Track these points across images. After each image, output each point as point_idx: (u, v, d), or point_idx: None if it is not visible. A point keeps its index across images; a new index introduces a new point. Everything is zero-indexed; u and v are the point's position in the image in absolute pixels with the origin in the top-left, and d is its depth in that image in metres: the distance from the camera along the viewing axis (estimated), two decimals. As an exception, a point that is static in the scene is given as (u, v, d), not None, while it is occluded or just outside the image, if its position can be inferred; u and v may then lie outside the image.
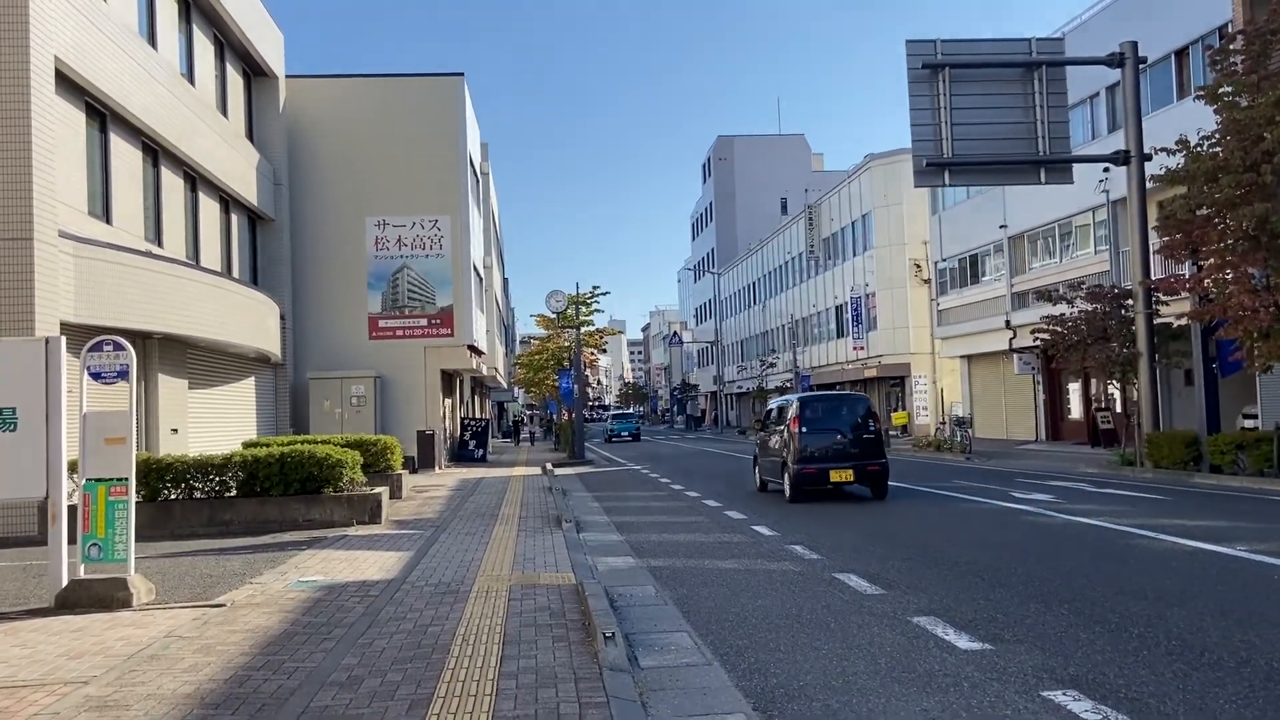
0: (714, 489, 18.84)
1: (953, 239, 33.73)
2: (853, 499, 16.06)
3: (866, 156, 43.67)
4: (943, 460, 26.04)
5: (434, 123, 27.59)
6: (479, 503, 16.77)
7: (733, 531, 12.33)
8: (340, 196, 27.09)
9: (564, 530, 12.47)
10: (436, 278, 27.37)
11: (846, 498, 16.24)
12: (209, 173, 20.77)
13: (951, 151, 18.75)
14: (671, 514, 14.81)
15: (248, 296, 20.43)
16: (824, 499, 15.87)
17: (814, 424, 15.80)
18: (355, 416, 25.79)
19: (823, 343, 50.10)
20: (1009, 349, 30.17)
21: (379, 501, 13.42)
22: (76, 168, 15.18)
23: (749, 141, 76.08)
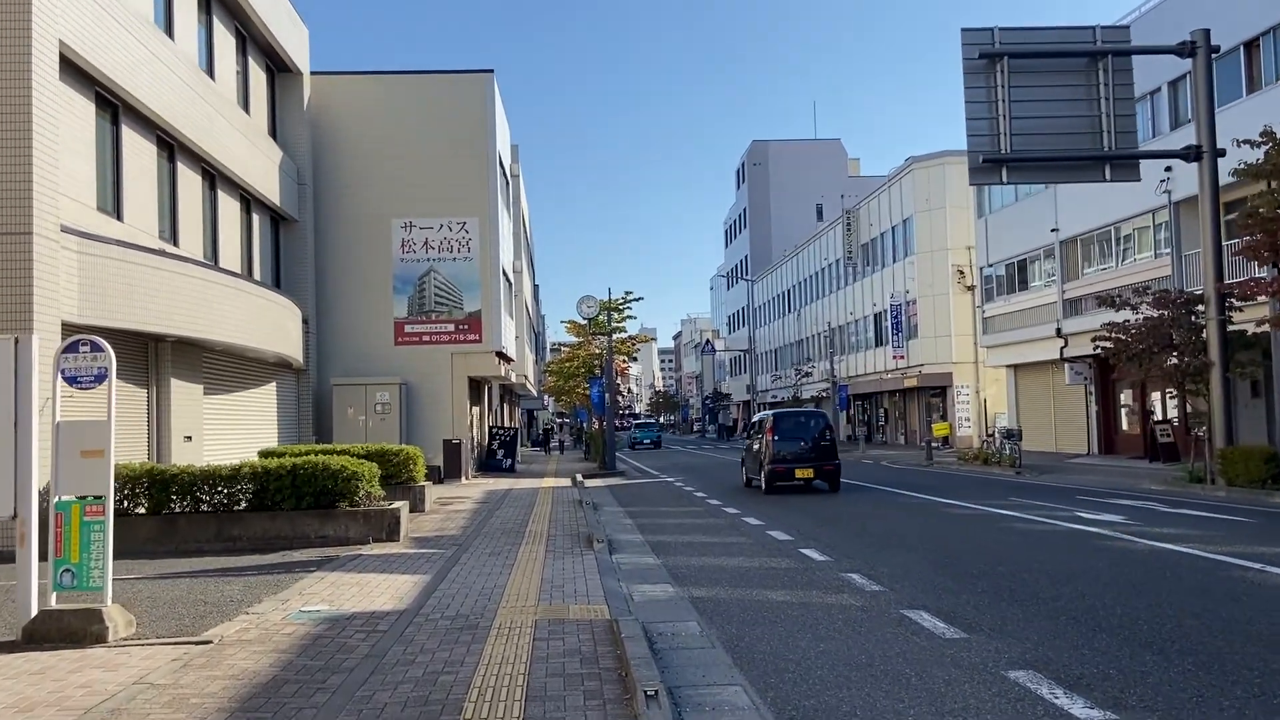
0: (754, 506, 17.75)
1: (1000, 244, 32.42)
2: (902, 519, 14.91)
3: (908, 160, 42.43)
4: (991, 474, 24.74)
5: (463, 121, 26.78)
6: (505, 517, 15.80)
7: (779, 555, 11.25)
8: (366, 197, 26.33)
9: (595, 551, 11.46)
10: (464, 282, 26.51)
11: (894, 518, 15.11)
12: (229, 170, 20.03)
13: (1010, 147, 17.57)
14: (710, 533, 13.75)
15: (267, 298, 19.65)
16: (863, 517, 14.76)
17: (784, 434, 20.33)
18: (380, 424, 24.96)
19: (860, 351, 48.78)
20: (1060, 358, 28.83)
21: (397, 517, 12.48)
22: (85, 160, 14.43)
23: (784, 146, 74.90)
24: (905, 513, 15.80)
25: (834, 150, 75.57)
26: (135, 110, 16.08)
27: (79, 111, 14.33)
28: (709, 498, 19.69)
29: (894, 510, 16.15)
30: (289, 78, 24.89)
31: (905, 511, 16.00)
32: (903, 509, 16.44)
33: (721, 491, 21.22)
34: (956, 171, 39.52)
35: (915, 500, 17.98)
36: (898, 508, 16.68)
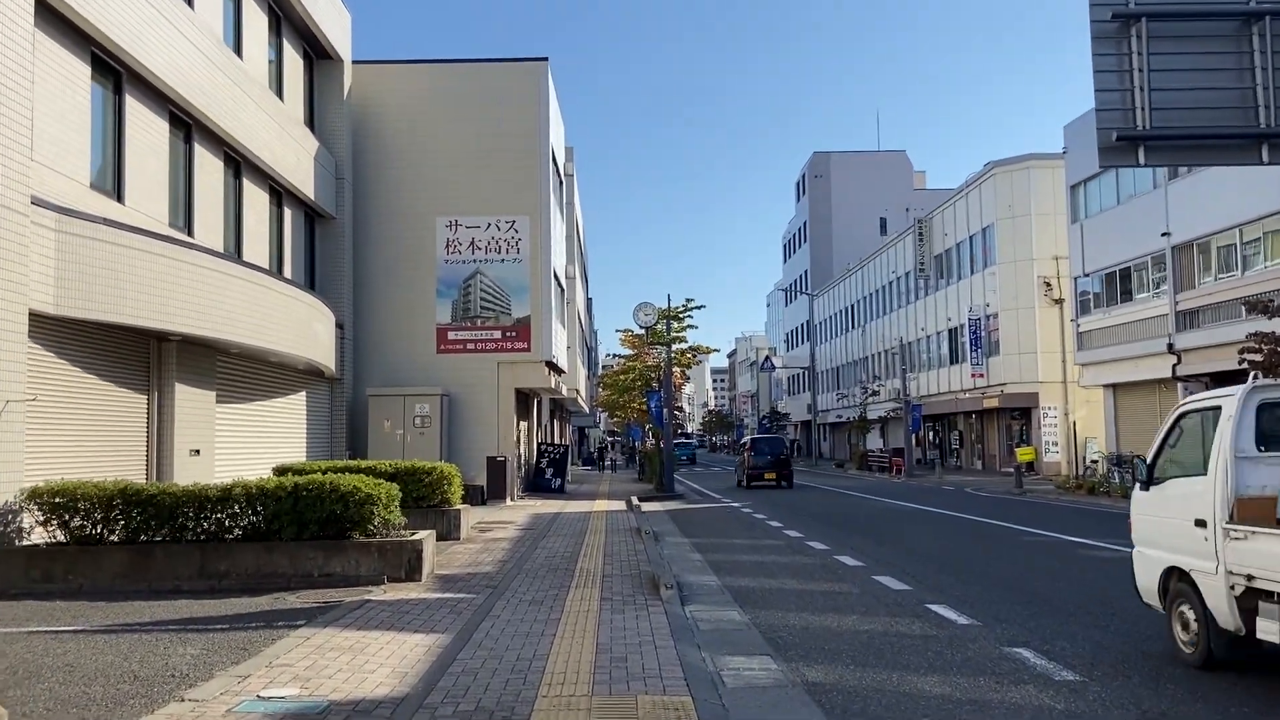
0: (844, 539, 15.21)
1: (1098, 251, 29.46)
2: (1038, 561, 12.27)
3: (988, 164, 39.56)
4: (1101, 506, 21.85)
5: (514, 113, 24.71)
6: (552, 550, 13.46)
7: (904, 615, 8.73)
8: (409, 193, 24.35)
9: (664, 600, 9.06)
10: (513, 285, 24.37)
11: (1028, 560, 12.47)
12: (257, 158, 18.13)
13: (1149, 123, 14.92)
14: (802, 576, 11.27)
15: (293, 297, 17.64)
16: (990, 560, 12.16)
17: (759, 451, 33.09)
18: (419, 439, 22.85)
19: (932, 369, 45.76)
20: (1171, 376, 25.79)
21: (419, 551, 10.21)
22: (76, 130, 12.50)
23: (846, 158, 72.15)
24: (1038, 554, 13.16)
25: (899, 162, 72.64)
26: (142, 80, 14.17)
27: (70, 73, 12.42)
28: (785, 528, 17.18)
29: (1023, 551, 13.52)
30: (328, 65, 23.05)
31: (1036, 552, 13.37)
32: (1030, 549, 13.81)
33: (798, 521, 18.69)
34: (1043, 176, 36.73)
35: (1037, 539, 15.29)
36: (1022, 547, 14.04)
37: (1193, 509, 6.78)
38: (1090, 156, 29.78)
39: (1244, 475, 6.48)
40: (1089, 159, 30.13)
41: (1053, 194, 36.07)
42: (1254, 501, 6.40)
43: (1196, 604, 6.66)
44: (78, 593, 9.45)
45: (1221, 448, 6.60)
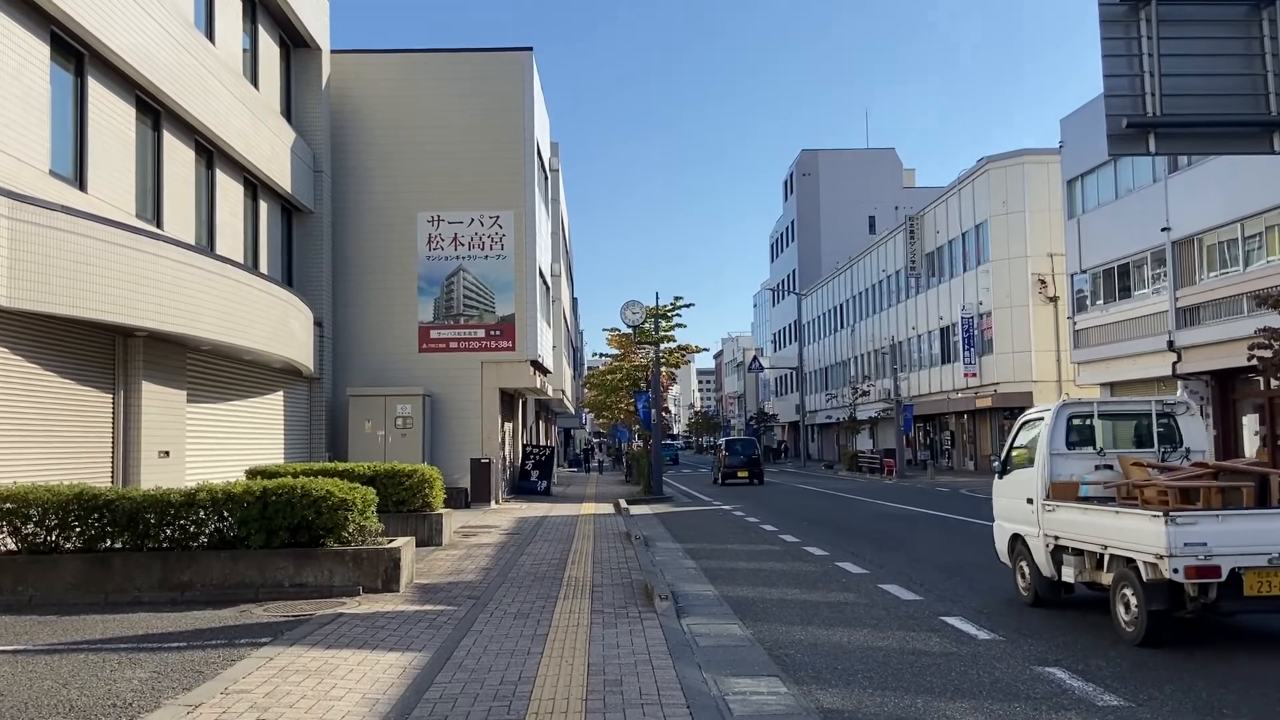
0: (843, 544, 14.61)
1: (1095, 247, 28.97)
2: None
3: (981, 160, 39.11)
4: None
5: (498, 104, 24.03)
6: (538, 556, 12.82)
7: (919, 628, 8.13)
8: (389, 187, 23.64)
9: (659, 613, 8.44)
10: (497, 282, 23.69)
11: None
12: (230, 147, 17.41)
13: (1159, 109, 14.40)
14: (803, 585, 10.65)
15: (268, 292, 16.91)
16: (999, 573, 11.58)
17: (732, 452, 36.65)
18: (400, 440, 22.15)
19: (924, 369, 45.27)
20: (1172, 374, 25.29)
21: (396, 559, 9.54)
22: (34, 113, 11.77)
23: (835, 155, 71.68)
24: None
25: (888, 160, 72.22)
26: (107, 62, 13.44)
27: (27, 52, 11.70)
28: (781, 532, 16.57)
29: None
30: (305, 53, 22.32)
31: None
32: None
33: (793, 525, 18.09)
34: (1037, 171, 36.31)
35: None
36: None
37: (1025, 491, 9.22)
38: (1088, 150, 29.49)
39: (1057, 467, 8.96)
40: (1086, 153, 29.84)
41: (1047, 190, 35.66)
42: (1063, 485, 8.81)
43: (1029, 559, 9.20)
44: (27, 606, 8.76)
45: (1044, 446, 8.97)
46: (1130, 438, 9.58)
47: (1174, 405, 9.71)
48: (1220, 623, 7.84)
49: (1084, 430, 9.23)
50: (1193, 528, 6.93)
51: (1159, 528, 6.97)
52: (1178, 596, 7.09)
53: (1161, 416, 9.42)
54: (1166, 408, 9.57)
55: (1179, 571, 6.87)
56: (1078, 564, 8.35)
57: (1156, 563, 7.05)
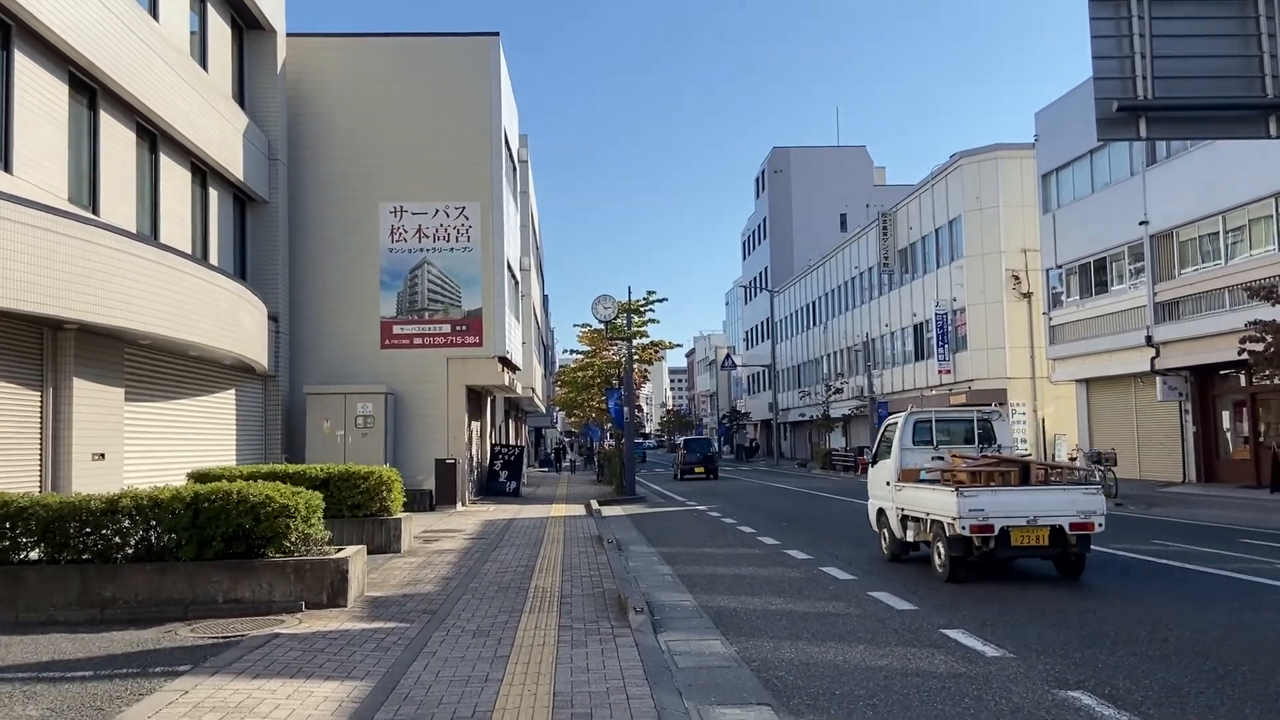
0: (825, 547, 13.89)
1: (1071, 241, 28.55)
2: (1062, 582, 11.04)
3: (954, 155, 38.62)
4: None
5: (464, 91, 23.12)
6: (504, 563, 11.98)
7: (919, 644, 7.39)
8: (350, 177, 22.67)
9: (634, 628, 7.65)
10: (463, 276, 22.79)
11: (1047, 580, 11.25)
12: (176, 131, 16.40)
13: (1151, 92, 13.83)
14: (788, 594, 9.89)
15: (213, 283, 15.91)
16: (1004, 575, 10.92)
17: (690, 450, 40.26)
18: (361, 440, 21.20)
19: (897, 366, 44.80)
20: (1150, 370, 24.89)
21: (343, 571, 8.67)
22: (-54, 84, 10.77)
23: (806, 153, 71.21)
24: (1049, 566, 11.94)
25: (859, 157, 71.88)
26: (35, 35, 12.44)
27: (-62, 17, 10.70)
28: (760, 534, 15.83)
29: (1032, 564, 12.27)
30: (259, 36, 21.28)
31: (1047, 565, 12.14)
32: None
33: (771, 526, 17.35)
34: (1011, 166, 35.89)
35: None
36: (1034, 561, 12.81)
37: (886, 476, 12.30)
38: (1063, 144, 29.08)
39: (905, 458, 11.98)
40: (1061, 146, 29.43)
41: (1021, 185, 35.25)
42: (909, 471, 11.69)
43: (888, 526, 12.09)
44: (-76, 627, 7.81)
45: (897, 443, 12.18)
46: (961, 437, 12.45)
47: (990, 414, 12.91)
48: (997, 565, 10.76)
49: (925, 432, 12.32)
50: (975, 499, 9.86)
51: (953, 499, 9.87)
52: (968, 546, 10.02)
53: (982, 422, 12.56)
54: (985, 415, 12.79)
55: (966, 528, 9.79)
56: (916, 528, 11.31)
57: (953, 523, 9.88)
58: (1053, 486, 10.44)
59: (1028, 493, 10.09)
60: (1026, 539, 9.84)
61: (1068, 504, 10.00)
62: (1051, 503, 10.02)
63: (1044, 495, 10.13)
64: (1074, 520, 9.93)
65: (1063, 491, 10.29)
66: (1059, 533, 9.91)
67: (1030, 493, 10.09)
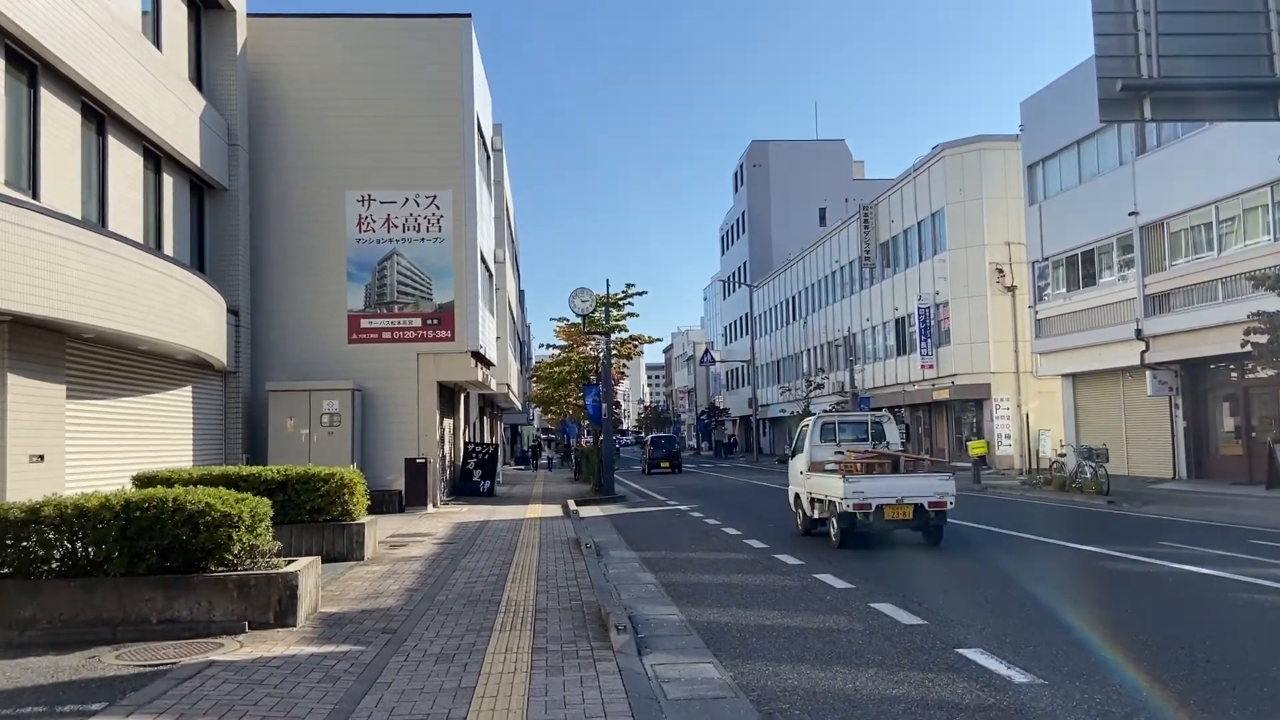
0: (817, 551, 13.15)
1: (1058, 233, 27.99)
2: (1055, 575, 10.36)
3: (936, 147, 38.02)
4: (1075, 504, 20.24)
5: (434, 75, 22.20)
6: (474, 571, 11.14)
7: (936, 667, 6.64)
8: (315, 164, 21.72)
9: (616, 650, 6.85)
10: (434, 267, 21.89)
11: (1046, 578, 10.56)
12: (125, 112, 15.41)
13: (1155, 71, 13.20)
14: (783, 605, 9.12)
15: (167, 274, 14.95)
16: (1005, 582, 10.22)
17: (657, 446, 44.16)
18: (327, 440, 20.28)
19: (879, 361, 44.22)
20: (1140, 364, 24.36)
21: (292, 587, 7.82)
22: None
23: (785, 147, 70.57)
24: (1056, 570, 11.27)
25: (838, 151, 71.32)
26: (-38, 2, 11.47)
27: None
28: (745, 537, 15.06)
29: (1038, 567, 11.62)
30: (218, 15, 20.27)
31: (1053, 568, 11.48)
32: (1041, 562, 11.93)
33: (757, 528, 16.60)
34: (994, 158, 35.36)
35: (1042, 548, 13.42)
36: (1029, 560, 12.14)
37: (800, 466, 14.93)
38: (1049, 134, 28.51)
39: (815, 452, 14.56)
40: (1048, 137, 28.85)
41: (1005, 177, 34.72)
42: (817, 463, 14.20)
43: (801, 508, 14.83)
44: None
45: (808, 441, 14.85)
46: (859, 436, 15.01)
47: (880, 418, 15.74)
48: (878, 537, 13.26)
49: (830, 432, 15.11)
50: (857, 483, 12.59)
51: (841, 483, 12.66)
52: (853, 520, 12.66)
53: (874, 424, 15.35)
54: (877, 419, 15.70)
55: (850, 505, 12.53)
56: (820, 508, 13.91)
57: (840, 502, 12.65)
58: (916, 474, 13.14)
59: (897, 479, 12.82)
60: (896, 514, 12.65)
61: (927, 487, 12.79)
62: (915, 486, 12.79)
63: (909, 481, 12.86)
64: (932, 500, 12.72)
65: (924, 478, 13.03)
66: (921, 509, 12.70)
67: (899, 479, 12.83)
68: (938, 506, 12.68)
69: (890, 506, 12.52)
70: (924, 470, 13.42)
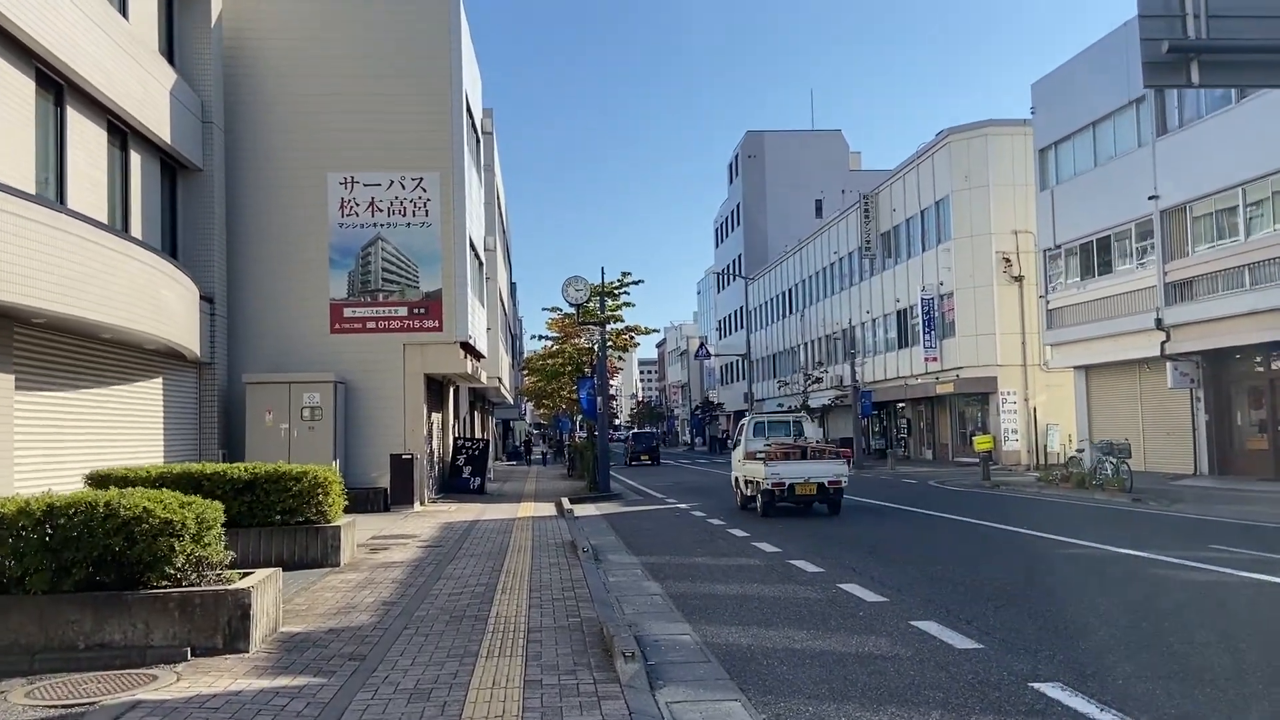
0: (835, 555, 12.08)
1: (1071, 220, 26.93)
2: (1131, 600, 9.31)
3: (940, 133, 36.97)
4: (1095, 501, 19.24)
5: (420, 51, 21.04)
6: (460, 580, 10.05)
7: (1012, 707, 5.57)
8: (295, 144, 20.56)
9: (624, 682, 5.78)
10: (421, 254, 20.76)
11: (1108, 603, 9.50)
12: (85, 81, 14.24)
13: (1204, 31, 12.15)
14: (811, 624, 8.04)
15: (128, 254, 13.79)
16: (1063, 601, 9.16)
17: (637, 441, 50.24)
18: (308, 434, 19.15)
19: (879, 354, 43.19)
20: (1160, 355, 23.33)
21: (244, 605, 6.70)
22: None
23: (781, 137, 69.44)
24: (1110, 579, 10.23)
25: (834, 142, 70.24)
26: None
27: None
28: (753, 539, 13.97)
29: (1084, 573, 10.57)
30: (192, -15, 19.10)
31: (1106, 576, 10.44)
32: (1087, 570, 10.88)
33: (764, 528, 15.54)
34: (1001, 144, 34.37)
35: (1081, 552, 12.37)
36: (1074, 565, 11.09)
37: (739, 455, 18.76)
38: (1063, 116, 27.42)
39: (749, 444, 18.23)
40: (1061, 119, 27.72)
41: (1012, 163, 33.74)
42: (750, 453, 17.77)
43: (740, 488, 18.70)
44: None
45: (744, 435, 18.87)
46: (784, 432, 19.27)
47: (800, 416, 20.85)
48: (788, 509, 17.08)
49: (762, 429, 19.33)
50: (774, 467, 16.49)
51: (763, 467, 16.55)
52: (772, 495, 16.56)
53: (796, 423, 19.97)
54: (798, 418, 20.52)
55: (769, 484, 16.47)
56: (751, 488, 17.67)
57: (763, 481, 16.51)
58: (819, 460, 17.03)
59: (805, 464, 16.84)
60: (805, 490, 16.63)
61: (827, 470, 16.84)
62: (817, 469, 16.78)
63: (814, 465, 16.85)
64: (830, 479, 16.76)
65: (824, 463, 16.98)
66: (823, 486, 16.70)
67: (807, 464, 16.87)
68: (835, 484, 16.74)
69: (800, 484, 16.58)
70: (825, 458, 17.25)
